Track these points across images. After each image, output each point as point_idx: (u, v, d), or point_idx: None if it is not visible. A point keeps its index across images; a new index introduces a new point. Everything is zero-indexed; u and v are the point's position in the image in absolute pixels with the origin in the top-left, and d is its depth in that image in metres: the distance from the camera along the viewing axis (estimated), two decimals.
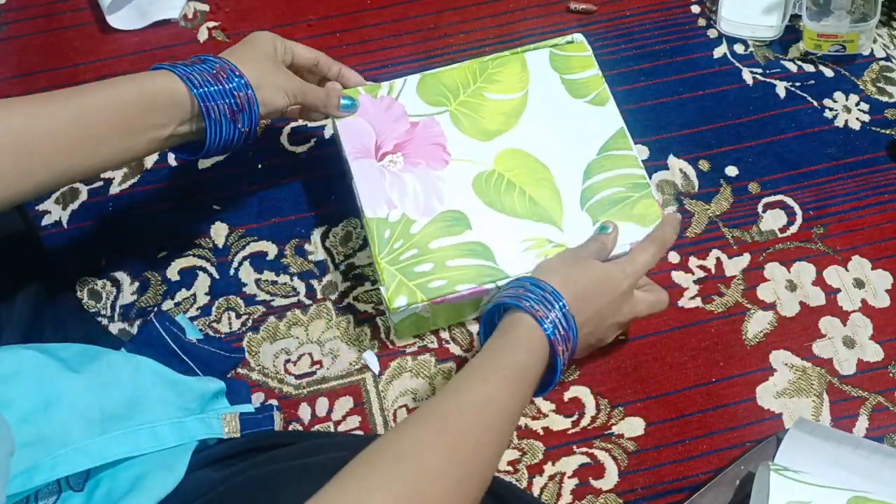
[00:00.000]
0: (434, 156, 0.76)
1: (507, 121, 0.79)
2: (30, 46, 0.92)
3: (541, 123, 0.79)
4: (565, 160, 0.77)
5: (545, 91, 0.81)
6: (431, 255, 0.72)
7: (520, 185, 0.76)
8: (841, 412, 0.75)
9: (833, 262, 0.82)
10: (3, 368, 0.52)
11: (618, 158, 0.77)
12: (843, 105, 0.90)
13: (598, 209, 0.75)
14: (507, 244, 0.73)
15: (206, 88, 0.62)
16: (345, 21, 0.94)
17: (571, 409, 0.75)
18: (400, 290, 0.70)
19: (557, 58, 0.82)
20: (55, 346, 0.57)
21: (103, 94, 0.59)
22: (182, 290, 0.79)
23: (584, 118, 0.79)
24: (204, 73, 0.63)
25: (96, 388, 0.55)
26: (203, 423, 0.61)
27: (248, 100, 0.65)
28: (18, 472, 0.49)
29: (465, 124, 0.78)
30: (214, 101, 0.63)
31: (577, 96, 0.80)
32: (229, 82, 0.64)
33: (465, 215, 0.74)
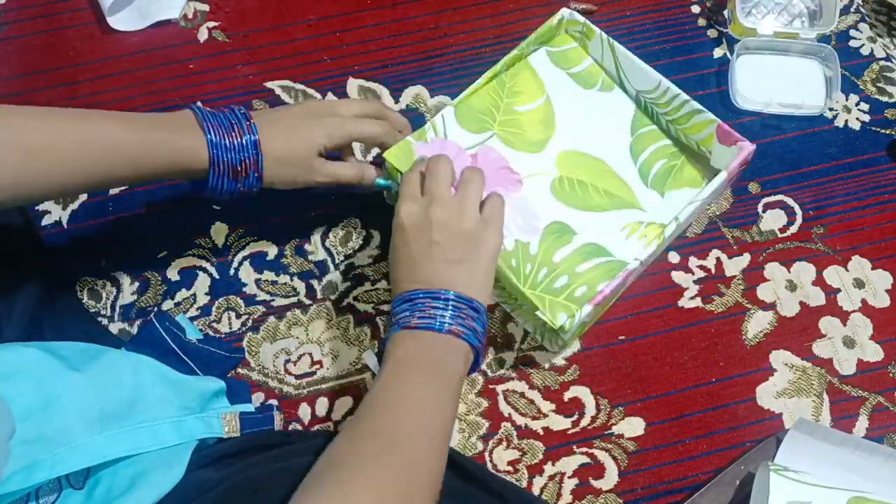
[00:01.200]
0: (506, 179, 0.76)
1: (546, 127, 0.80)
2: (30, 46, 0.92)
3: (573, 121, 0.80)
4: (611, 148, 0.80)
5: (561, 90, 0.82)
6: (560, 268, 0.72)
7: (590, 182, 0.77)
8: (841, 412, 0.75)
9: (833, 262, 0.82)
10: (4, 366, 0.52)
11: (647, 136, 0.80)
12: (843, 105, 0.90)
13: (659, 182, 0.78)
14: (610, 237, 0.75)
15: (224, 156, 0.64)
16: (345, 21, 0.94)
17: (571, 409, 0.75)
18: (556, 309, 0.70)
19: (554, 55, 0.83)
20: (56, 345, 0.57)
21: (129, 148, 0.60)
22: (182, 290, 0.79)
23: (603, 106, 0.81)
24: (229, 137, 0.64)
25: (97, 387, 0.55)
26: (203, 423, 0.61)
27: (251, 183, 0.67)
28: (18, 469, 0.49)
29: (514, 142, 0.78)
30: (225, 164, 0.64)
31: (588, 87, 0.82)
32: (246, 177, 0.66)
33: (565, 223, 0.75)
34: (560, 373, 0.76)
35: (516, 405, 0.75)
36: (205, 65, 0.91)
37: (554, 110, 0.81)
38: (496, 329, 0.78)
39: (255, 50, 0.92)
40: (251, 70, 0.91)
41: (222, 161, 0.63)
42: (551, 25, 0.81)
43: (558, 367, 0.76)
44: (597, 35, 0.81)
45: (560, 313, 0.69)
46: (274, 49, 0.92)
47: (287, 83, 0.90)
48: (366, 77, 0.90)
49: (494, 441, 0.73)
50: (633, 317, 0.78)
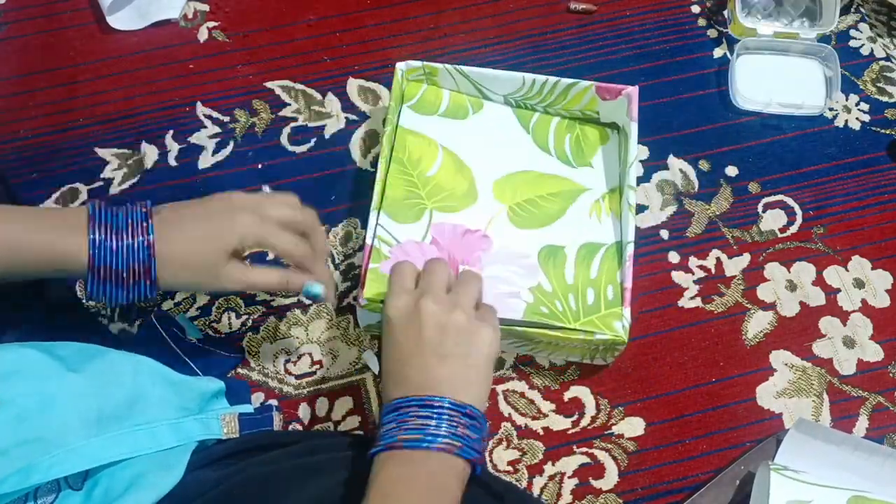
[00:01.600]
0: (476, 241, 0.76)
1: (463, 174, 0.80)
2: (30, 46, 0.92)
3: (475, 152, 0.81)
4: (524, 155, 0.81)
5: (446, 133, 0.82)
6: (579, 284, 0.73)
7: (535, 195, 0.79)
8: (841, 412, 0.75)
9: (833, 262, 0.82)
10: (2, 366, 0.52)
11: (540, 125, 0.83)
12: (843, 105, 0.90)
13: (578, 155, 0.81)
14: (588, 228, 0.77)
15: (107, 260, 0.54)
16: (345, 21, 0.94)
17: (571, 409, 0.75)
18: (608, 322, 0.70)
19: (416, 107, 0.83)
20: (55, 345, 0.57)
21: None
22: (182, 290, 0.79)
23: (487, 125, 0.83)
24: (117, 238, 0.54)
25: (95, 388, 0.55)
26: (201, 424, 0.61)
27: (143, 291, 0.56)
28: (16, 471, 0.49)
29: (452, 205, 0.78)
30: (107, 269, 0.54)
31: (463, 117, 0.83)
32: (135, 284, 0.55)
33: (549, 244, 0.76)
34: (560, 373, 0.76)
35: (516, 405, 0.75)
36: (205, 65, 0.91)
37: (457, 155, 0.81)
38: None
39: (255, 50, 0.92)
40: (251, 70, 0.91)
41: (104, 265, 0.54)
42: (398, 82, 0.80)
43: (558, 367, 0.76)
44: (440, 70, 0.82)
45: (614, 323, 0.70)
46: (274, 49, 0.92)
47: (287, 83, 0.90)
48: (366, 77, 0.90)
49: (494, 441, 0.73)
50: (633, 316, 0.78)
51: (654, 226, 0.83)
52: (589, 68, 0.91)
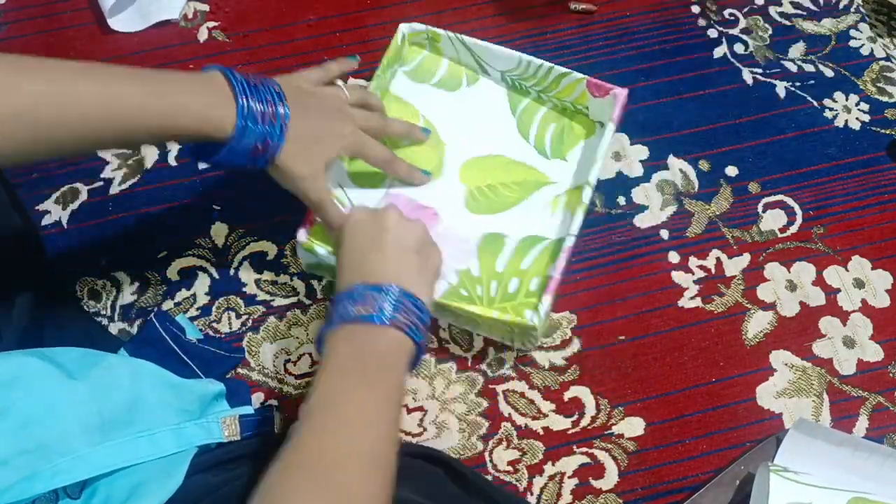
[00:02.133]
0: (425, 217, 0.76)
1: (436, 149, 0.80)
2: (30, 46, 0.92)
3: (456, 130, 0.82)
4: (502, 138, 0.81)
5: (432, 104, 0.83)
6: (506, 273, 0.74)
7: (498, 182, 0.79)
8: (841, 412, 0.75)
9: (833, 262, 0.82)
10: (3, 375, 0.52)
11: (528, 111, 0.83)
12: (843, 105, 0.90)
13: (557, 148, 0.81)
14: (538, 222, 0.77)
15: (250, 138, 0.59)
16: (345, 21, 0.94)
17: (571, 409, 0.75)
18: (520, 310, 0.71)
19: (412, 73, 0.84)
20: (54, 351, 0.57)
21: (150, 118, 0.56)
22: (182, 290, 0.79)
23: (477, 101, 0.83)
24: (261, 121, 0.60)
25: (96, 394, 0.54)
26: (202, 429, 0.60)
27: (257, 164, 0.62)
28: (19, 479, 0.48)
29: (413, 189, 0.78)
30: (246, 144, 0.60)
31: (455, 88, 0.84)
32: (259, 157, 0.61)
33: (493, 232, 0.76)
34: (560, 373, 0.76)
35: (516, 405, 0.75)
36: (204, 65, 0.91)
37: (435, 128, 0.82)
38: None
39: (255, 50, 0.92)
40: (251, 70, 0.90)
41: (244, 139, 0.59)
42: (397, 45, 0.81)
43: (558, 367, 0.76)
44: (443, 37, 0.82)
45: (526, 311, 0.70)
46: (274, 49, 0.92)
47: None
48: (366, 77, 0.90)
49: (494, 441, 0.73)
50: (633, 317, 0.78)
51: (654, 226, 0.83)
52: (589, 68, 0.91)
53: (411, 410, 0.74)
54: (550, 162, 0.80)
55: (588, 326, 0.78)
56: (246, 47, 0.92)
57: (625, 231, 0.83)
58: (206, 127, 0.57)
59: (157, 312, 0.75)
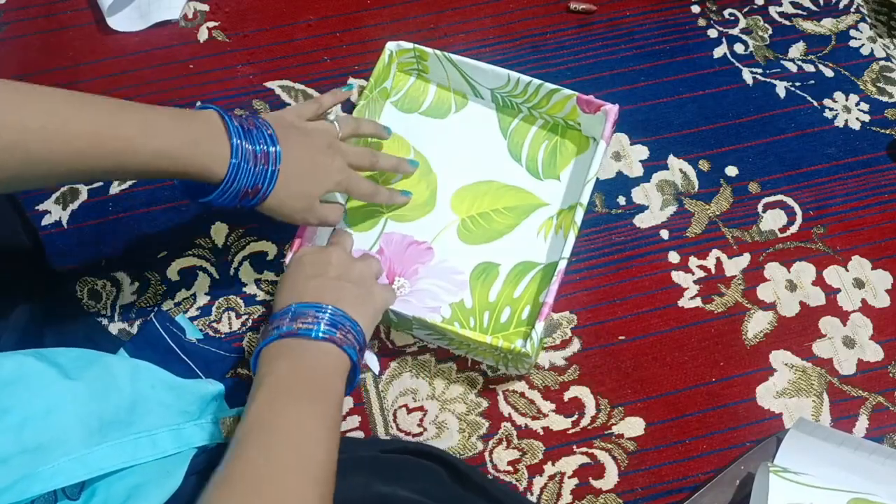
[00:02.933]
0: (418, 253, 0.78)
1: (428, 181, 0.82)
2: (30, 46, 0.92)
3: (447, 159, 0.83)
4: (493, 163, 0.82)
5: (423, 135, 0.84)
6: (499, 303, 0.76)
7: (490, 209, 0.80)
8: (841, 412, 0.75)
9: (833, 262, 0.82)
10: (2, 374, 0.52)
11: (518, 131, 0.84)
12: (843, 105, 0.90)
13: (549, 168, 0.82)
14: (530, 247, 0.78)
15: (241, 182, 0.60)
16: (345, 21, 0.94)
17: (571, 408, 0.75)
18: (512, 340, 0.72)
19: (400, 103, 0.86)
20: (53, 352, 0.56)
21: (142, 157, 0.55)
22: (182, 290, 0.79)
23: (467, 126, 0.84)
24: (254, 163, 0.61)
25: (95, 395, 0.54)
26: (202, 430, 0.60)
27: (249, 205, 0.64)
28: (16, 480, 0.48)
29: (407, 215, 0.80)
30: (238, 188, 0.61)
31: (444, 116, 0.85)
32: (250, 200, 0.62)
33: (486, 261, 0.78)
34: (560, 373, 0.76)
35: (516, 405, 0.75)
36: (205, 65, 0.91)
37: (427, 160, 0.83)
38: None
39: (255, 50, 0.92)
40: (251, 70, 0.91)
41: (235, 182, 0.60)
42: (384, 63, 0.82)
43: (558, 367, 0.76)
44: (431, 55, 0.82)
45: (518, 340, 0.72)
46: (274, 49, 0.92)
47: (287, 83, 0.90)
48: (366, 77, 0.90)
49: (494, 441, 0.73)
50: (633, 317, 0.78)
51: (653, 226, 0.83)
52: (589, 68, 0.91)
53: (411, 410, 0.74)
54: (543, 182, 0.81)
55: (588, 326, 0.78)
56: (246, 47, 0.92)
57: (625, 231, 0.83)
58: (199, 168, 0.58)
59: (157, 312, 0.75)
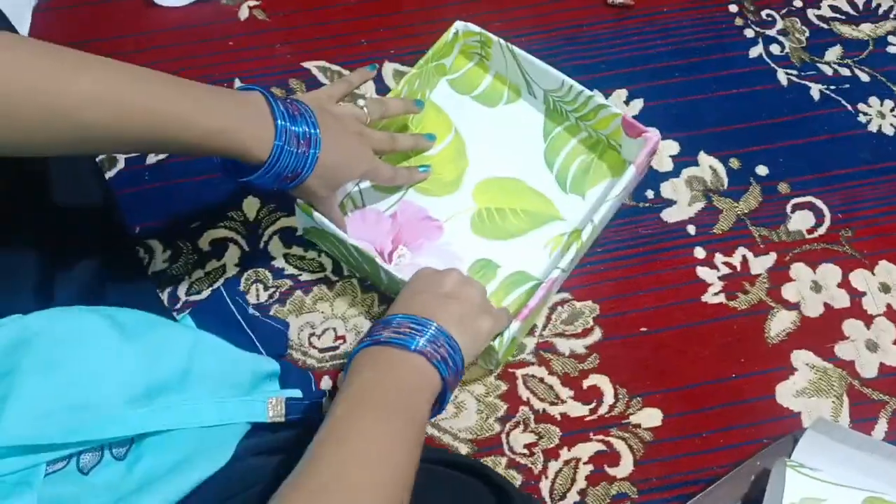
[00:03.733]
0: (427, 228, 0.80)
1: (459, 163, 0.82)
2: (73, 17, 0.94)
3: (484, 147, 0.83)
4: (525, 163, 0.82)
5: (468, 118, 0.85)
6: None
7: (508, 207, 0.80)
8: (860, 414, 0.75)
9: (860, 266, 0.81)
10: (62, 330, 0.52)
11: (559, 139, 0.83)
12: (877, 110, 0.90)
13: (578, 184, 0.81)
14: (534, 259, 0.78)
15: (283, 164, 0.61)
16: (383, 5, 0.95)
17: (590, 396, 0.75)
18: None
19: (455, 83, 0.86)
20: (120, 311, 0.57)
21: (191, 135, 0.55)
22: (213, 261, 0.80)
23: (512, 120, 0.84)
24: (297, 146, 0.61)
25: (149, 360, 0.55)
26: (246, 406, 0.60)
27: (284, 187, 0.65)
28: (62, 431, 0.49)
29: (430, 189, 0.81)
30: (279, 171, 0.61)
31: (493, 104, 0.85)
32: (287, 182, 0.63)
33: (488, 259, 0.78)
34: (580, 360, 0.76)
35: (535, 390, 0.75)
36: (244, 42, 0.93)
37: (465, 143, 0.83)
38: None
39: (293, 30, 0.94)
40: (289, 50, 0.92)
41: (277, 165, 0.61)
42: (447, 40, 0.82)
43: (579, 354, 0.77)
44: (495, 42, 0.83)
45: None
46: (312, 30, 0.94)
47: (324, 64, 0.91)
48: (401, 61, 0.91)
49: (512, 424, 0.74)
50: (656, 309, 0.79)
51: (681, 221, 0.83)
52: (623, 62, 0.92)
53: None
54: (567, 196, 0.81)
55: (610, 316, 0.78)
56: (285, 27, 0.94)
57: (652, 224, 0.83)
58: (243, 149, 0.59)
59: (227, 282, 0.77)
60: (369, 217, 0.80)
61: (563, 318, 0.78)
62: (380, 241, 0.79)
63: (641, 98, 0.89)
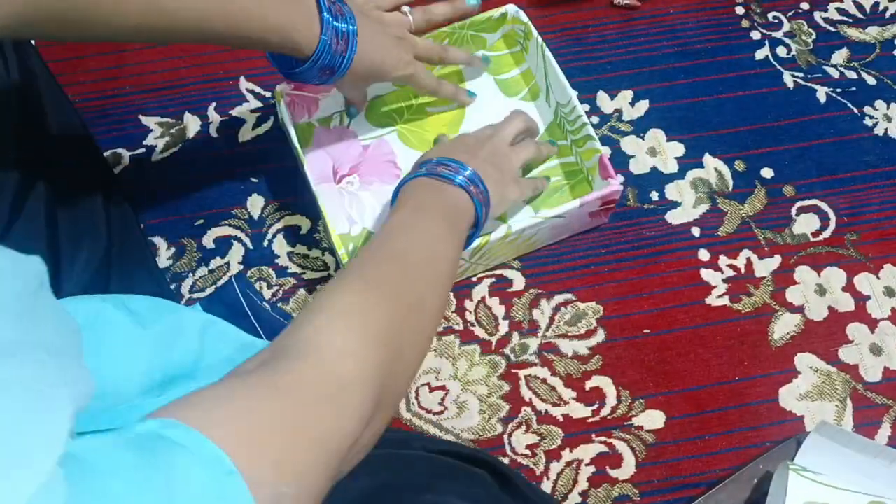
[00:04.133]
0: (387, 172, 0.81)
1: (450, 129, 0.84)
2: None
3: (474, 122, 0.83)
4: None
5: (482, 96, 0.85)
6: None
7: None
8: (864, 419, 0.75)
9: (864, 270, 0.81)
10: (79, 318, 0.52)
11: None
12: (883, 114, 0.90)
13: (539, 200, 0.80)
14: None
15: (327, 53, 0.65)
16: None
17: (592, 398, 0.75)
18: None
19: (492, 60, 0.87)
20: (132, 298, 0.57)
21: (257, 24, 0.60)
22: (216, 258, 0.80)
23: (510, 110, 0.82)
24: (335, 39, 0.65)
25: (164, 347, 0.55)
26: None
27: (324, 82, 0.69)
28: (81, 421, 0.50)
29: (411, 140, 0.83)
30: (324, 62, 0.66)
31: (510, 95, 0.86)
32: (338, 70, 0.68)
33: None
34: (583, 362, 0.76)
35: (538, 391, 0.75)
36: None
37: (464, 116, 0.84)
38: (521, 315, 0.78)
39: None
40: None
41: (320, 60, 0.65)
42: (492, 17, 0.84)
43: (581, 356, 0.77)
44: (534, 39, 0.83)
45: None
46: None
47: None
48: None
49: (514, 424, 0.74)
50: (660, 311, 0.79)
51: (685, 223, 0.83)
52: (629, 63, 0.91)
53: (433, 389, 0.75)
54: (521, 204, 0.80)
55: (613, 318, 0.78)
56: None
57: (656, 226, 0.83)
58: (291, 46, 0.64)
59: (238, 275, 0.77)
60: (345, 137, 0.83)
61: (566, 319, 0.78)
62: (340, 161, 0.82)
63: (647, 99, 0.89)
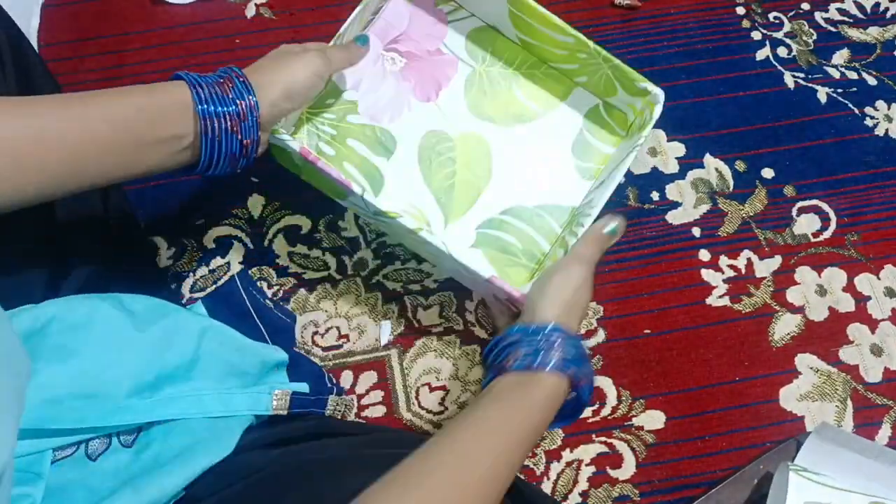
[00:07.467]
0: (427, 86, 0.76)
1: (505, 117, 0.78)
2: (81, 13, 0.94)
3: (524, 145, 0.78)
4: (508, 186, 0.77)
5: (557, 128, 0.79)
6: (342, 146, 0.75)
7: (456, 168, 0.76)
8: (864, 419, 0.75)
9: (865, 270, 0.81)
10: (77, 317, 0.53)
11: (544, 225, 0.76)
12: (884, 114, 0.90)
13: (484, 240, 0.74)
14: (397, 189, 0.75)
15: (208, 107, 0.56)
16: None
17: (593, 398, 0.75)
18: (299, 129, 0.75)
19: (595, 113, 0.80)
20: (131, 298, 0.57)
21: (111, 102, 0.52)
22: (217, 258, 0.80)
23: (560, 177, 0.77)
24: (213, 86, 0.58)
25: (159, 349, 0.55)
26: (250, 398, 0.60)
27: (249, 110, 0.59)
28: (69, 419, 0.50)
29: (472, 90, 0.78)
30: (214, 116, 0.57)
31: (575, 156, 0.78)
32: (234, 94, 0.59)
33: (395, 147, 0.76)
34: None
35: None
36: (251, 41, 0.93)
37: (527, 125, 0.78)
38: None
39: (300, 28, 0.94)
40: None
41: (214, 168, 0.58)
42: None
43: None
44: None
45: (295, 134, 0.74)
46: (319, 28, 0.93)
47: None
48: None
49: None
50: (660, 311, 0.79)
51: (686, 223, 0.83)
52: (630, 63, 0.91)
53: (434, 389, 0.75)
54: (472, 230, 0.75)
55: (614, 318, 0.78)
56: (292, 25, 0.94)
57: (657, 226, 0.83)
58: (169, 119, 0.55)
59: (241, 272, 0.77)
60: (437, 30, 0.78)
61: None
62: (410, 36, 0.76)
63: None
